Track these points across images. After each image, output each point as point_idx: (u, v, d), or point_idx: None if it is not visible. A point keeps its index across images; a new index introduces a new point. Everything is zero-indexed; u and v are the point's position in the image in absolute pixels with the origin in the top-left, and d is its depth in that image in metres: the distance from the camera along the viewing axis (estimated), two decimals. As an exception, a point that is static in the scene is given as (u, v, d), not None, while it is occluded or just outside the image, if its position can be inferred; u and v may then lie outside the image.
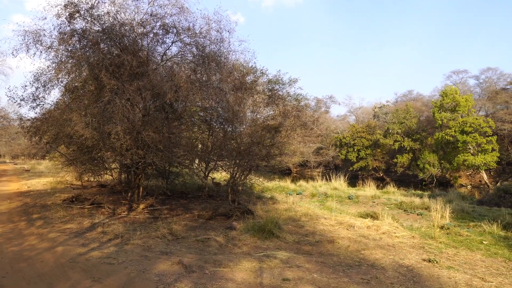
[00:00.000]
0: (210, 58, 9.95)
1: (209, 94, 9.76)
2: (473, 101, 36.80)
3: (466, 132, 33.57)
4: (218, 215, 9.70)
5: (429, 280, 5.39)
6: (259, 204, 11.66)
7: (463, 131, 33.67)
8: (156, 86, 8.87)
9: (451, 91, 36.45)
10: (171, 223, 8.32)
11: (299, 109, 11.79)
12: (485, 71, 46.48)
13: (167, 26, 9.87)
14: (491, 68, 45.82)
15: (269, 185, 18.28)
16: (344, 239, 7.79)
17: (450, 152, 35.75)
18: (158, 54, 10.57)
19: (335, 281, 5.05)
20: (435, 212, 10.12)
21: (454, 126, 34.23)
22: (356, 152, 44.77)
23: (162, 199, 11.56)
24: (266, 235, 7.59)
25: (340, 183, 20.15)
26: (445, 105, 36.20)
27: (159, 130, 9.00)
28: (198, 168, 11.47)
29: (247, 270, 5.34)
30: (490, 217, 10.69)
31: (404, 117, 41.12)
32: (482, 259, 6.91)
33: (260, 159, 10.22)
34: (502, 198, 15.45)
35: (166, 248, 6.60)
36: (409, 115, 41.23)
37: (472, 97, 37.35)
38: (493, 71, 45.73)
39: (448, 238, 8.57)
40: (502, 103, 40.60)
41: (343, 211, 12.01)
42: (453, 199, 15.17)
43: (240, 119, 10.06)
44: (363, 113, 59.91)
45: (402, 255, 6.75)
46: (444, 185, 34.31)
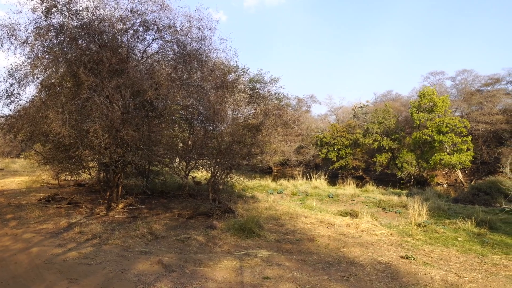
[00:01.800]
0: (191, 56, 9.86)
1: (190, 92, 9.68)
2: (449, 102, 37.79)
3: (442, 132, 34.43)
4: (198, 214, 9.65)
5: (406, 276, 5.51)
6: (240, 203, 11.66)
7: (440, 131, 34.52)
8: (136, 83, 8.74)
9: (428, 92, 37.31)
10: (151, 223, 8.23)
11: (280, 108, 11.83)
12: (461, 72, 47.75)
13: (148, 23, 9.73)
14: (466, 70, 47.09)
15: (250, 184, 18.29)
16: (324, 237, 7.87)
17: (427, 152, 36.61)
18: (138, 51, 10.41)
19: (315, 279, 5.10)
20: (412, 210, 10.34)
21: (431, 126, 35.06)
22: (336, 151, 45.28)
23: (142, 198, 11.42)
24: (247, 234, 7.60)
25: (320, 182, 20.33)
26: (422, 106, 37.03)
27: (139, 128, 8.88)
28: (179, 167, 11.37)
29: (228, 269, 5.34)
30: (465, 214, 11.00)
31: (383, 117, 41.83)
32: (456, 255, 7.11)
33: (241, 158, 10.21)
34: (476, 196, 15.92)
35: (146, 247, 6.52)
36: (388, 115, 41.97)
37: (448, 98, 38.34)
38: (469, 73, 47.03)
39: (425, 235, 8.78)
40: (477, 104, 41.79)
41: (323, 209, 12.13)
42: (430, 197, 15.53)
43: (221, 117, 10.02)
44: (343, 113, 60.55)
45: (380, 253, 6.88)
46: (422, 183, 35.07)
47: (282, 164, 52.74)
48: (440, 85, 48.63)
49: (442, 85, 49.16)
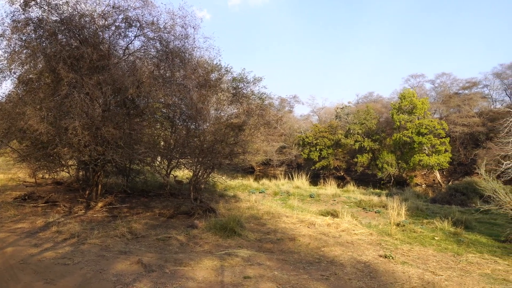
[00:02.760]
0: (174, 54, 9.77)
1: (173, 90, 9.60)
2: (428, 104, 38.61)
3: (422, 134, 35.14)
4: (179, 213, 9.58)
5: (384, 275, 5.61)
6: (222, 203, 11.63)
7: (419, 132, 35.23)
8: (118, 80, 8.60)
9: (409, 94, 38.03)
10: (131, 222, 8.12)
11: (263, 108, 11.85)
12: (440, 76, 48.93)
13: (130, 20, 9.59)
14: (445, 73, 48.30)
15: (232, 183, 18.27)
16: (305, 237, 7.93)
17: (407, 153, 37.29)
18: (120, 48, 10.26)
19: (296, 278, 5.13)
20: (392, 210, 10.52)
21: (411, 127, 35.74)
22: (318, 152, 45.64)
23: (122, 197, 11.26)
24: (228, 233, 7.59)
25: (302, 182, 20.46)
26: (403, 107, 37.71)
27: (119, 126, 8.74)
28: (160, 166, 11.25)
29: (208, 269, 5.32)
30: (442, 214, 11.27)
31: (364, 118, 42.39)
32: (433, 254, 7.27)
33: (223, 157, 10.18)
34: (453, 196, 16.33)
35: (125, 247, 6.44)
36: (369, 116, 42.56)
37: (428, 100, 39.18)
38: (447, 76, 48.23)
39: (403, 234, 8.95)
40: (455, 106, 42.85)
41: (305, 209, 12.21)
42: (409, 198, 15.85)
43: (203, 116, 9.97)
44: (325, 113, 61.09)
45: (360, 252, 6.97)
46: (401, 184, 35.73)
47: (264, 163, 52.86)
48: (420, 88, 49.64)
49: (422, 87, 50.22)
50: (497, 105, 45.43)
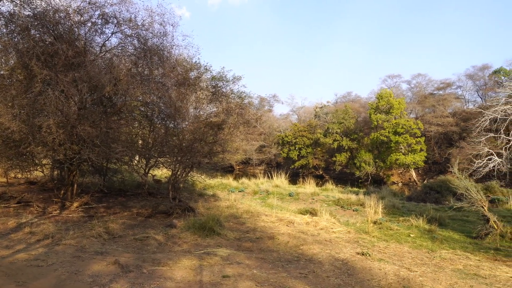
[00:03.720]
0: (152, 52, 9.65)
1: (151, 88, 9.47)
2: (405, 104, 39.50)
3: (398, 133, 35.90)
4: (158, 213, 9.47)
5: (362, 272, 5.70)
6: (201, 202, 11.57)
7: (396, 132, 35.98)
8: (94, 78, 8.42)
9: (386, 94, 38.78)
10: (108, 222, 7.97)
11: (243, 107, 11.83)
12: (416, 76, 50.14)
13: (107, 16, 9.41)
14: (421, 74, 49.56)
15: (211, 182, 18.20)
16: (284, 235, 7.98)
17: (384, 152, 38.04)
18: (97, 45, 10.05)
19: (274, 276, 5.15)
20: (369, 208, 10.71)
21: (388, 127, 36.47)
22: (297, 151, 45.99)
23: (99, 196, 11.04)
24: (207, 232, 7.56)
25: (281, 181, 20.57)
26: (380, 107, 38.42)
27: (96, 125, 8.57)
28: (138, 165, 11.09)
29: (187, 268, 5.28)
30: (417, 212, 11.53)
31: (343, 118, 42.98)
32: (409, 251, 7.45)
33: (203, 156, 10.12)
34: (428, 194, 16.76)
35: (102, 247, 6.32)
36: (347, 116, 43.17)
37: (404, 100, 40.10)
38: (423, 77, 49.49)
39: (380, 232, 9.13)
40: (430, 107, 43.98)
41: (284, 208, 12.28)
42: (386, 196, 16.15)
43: (182, 115, 9.88)
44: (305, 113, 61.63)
45: (338, 250, 7.07)
46: (378, 182, 36.39)
47: (244, 162, 52.87)
48: (397, 88, 50.75)
49: (399, 87, 51.37)
50: (469, 105, 46.95)
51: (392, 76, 52.24)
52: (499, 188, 17.38)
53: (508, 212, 13.04)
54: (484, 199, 9.18)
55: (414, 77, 50.39)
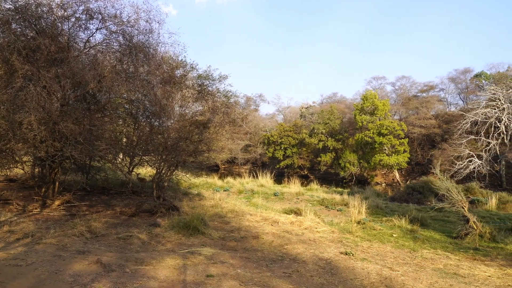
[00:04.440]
0: (138, 49, 9.53)
1: (136, 86, 9.36)
2: (389, 105, 40.07)
3: (382, 134, 36.37)
4: (142, 211, 9.38)
5: (345, 271, 5.76)
6: (186, 201, 11.50)
7: (380, 133, 36.45)
8: (77, 74, 8.28)
9: (371, 95, 39.26)
10: (91, 220, 7.84)
11: (228, 106, 11.82)
12: (400, 78, 50.90)
13: (91, 11, 9.25)
14: (405, 76, 50.36)
15: (196, 181, 18.11)
16: (269, 235, 7.99)
17: (368, 152, 38.49)
18: (81, 41, 9.87)
19: (258, 276, 5.16)
20: (353, 208, 10.81)
21: (373, 128, 36.91)
22: (283, 150, 46.16)
23: (81, 195, 10.85)
24: (192, 231, 7.52)
25: (266, 180, 20.60)
26: (365, 108, 38.87)
27: (79, 122, 8.41)
28: (122, 163, 10.95)
29: (171, 267, 5.24)
30: (400, 212, 11.70)
31: (328, 118, 43.32)
32: (391, 250, 7.55)
33: (188, 154, 10.07)
34: (411, 195, 17.02)
35: (84, 246, 6.22)
36: (333, 116, 43.52)
37: (388, 102, 40.66)
38: (407, 79, 50.27)
39: (363, 232, 9.23)
40: (414, 108, 44.73)
41: (269, 207, 12.31)
42: (369, 196, 16.33)
43: (168, 113, 9.79)
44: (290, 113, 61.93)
45: (322, 249, 7.12)
46: (362, 183, 36.81)
47: (229, 162, 52.81)
48: (382, 90, 51.41)
49: (383, 89, 52.07)
50: (451, 108, 47.94)
51: (377, 77, 52.98)
52: (479, 189, 17.78)
53: (487, 213, 13.35)
54: (465, 200, 9.38)
55: (398, 79, 51.19)
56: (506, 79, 34.75)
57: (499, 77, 37.20)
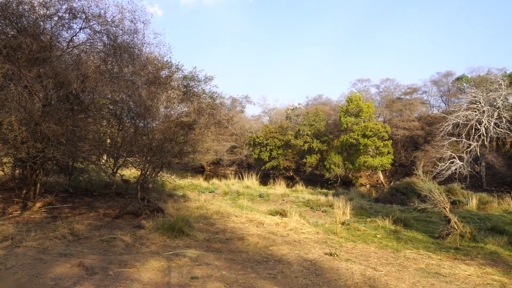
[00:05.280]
0: (122, 49, 9.44)
1: (120, 86, 9.26)
2: (374, 107, 40.60)
3: (367, 136, 36.81)
4: (126, 213, 9.27)
5: (329, 272, 5.80)
6: (170, 202, 11.42)
7: (365, 135, 36.88)
8: (60, 74, 8.13)
9: (355, 97, 39.70)
10: (73, 223, 7.71)
11: (214, 107, 11.78)
12: (384, 81, 51.71)
13: (75, 11, 9.12)
14: (389, 79, 51.21)
15: (182, 182, 18.00)
16: (254, 236, 8.00)
17: (353, 154, 38.89)
18: (64, 40, 9.73)
19: (243, 277, 5.16)
20: (337, 209, 10.89)
21: (357, 130, 37.32)
22: (268, 152, 46.25)
23: (64, 197, 10.67)
24: (176, 233, 7.46)
25: (252, 182, 20.61)
26: (350, 110, 39.27)
27: (62, 122, 8.26)
28: (106, 164, 10.81)
29: (155, 270, 5.20)
30: (384, 213, 11.86)
31: (314, 120, 43.62)
32: (375, 251, 7.64)
33: (173, 156, 10.00)
34: (394, 196, 17.26)
35: (66, 249, 6.11)
36: (318, 118, 43.84)
37: (373, 104, 41.20)
38: (391, 81, 51.08)
39: (348, 233, 9.31)
40: (397, 111, 45.41)
41: (254, 209, 12.31)
42: (354, 197, 16.50)
43: (152, 114, 9.71)
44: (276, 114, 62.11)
45: (306, 250, 7.15)
46: (347, 184, 37.17)
47: (214, 163, 52.67)
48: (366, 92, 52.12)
49: (368, 91, 52.82)
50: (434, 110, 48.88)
51: (362, 80, 53.70)
52: (460, 190, 18.17)
53: (468, 213, 13.64)
54: (446, 201, 9.56)
55: (382, 81, 52.02)
56: (486, 83, 35.60)
57: (480, 81, 38.09)
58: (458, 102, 38.43)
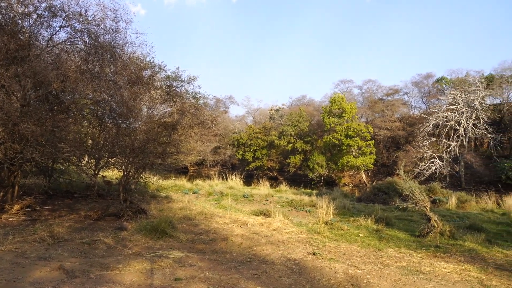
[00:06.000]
0: (104, 48, 9.29)
1: (102, 86, 9.11)
2: (356, 108, 41.10)
3: (350, 136, 37.21)
4: (108, 215, 9.14)
5: (313, 271, 5.84)
6: (153, 203, 11.31)
7: (348, 135, 37.28)
8: (39, 73, 7.95)
9: (338, 98, 40.10)
10: (53, 225, 7.54)
11: (197, 108, 11.72)
12: (367, 82, 52.42)
13: (55, 9, 8.94)
14: (371, 80, 51.94)
15: (165, 183, 17.86)
16: (238, 237, 7.99)
17: (336, 154, 39.27)
18: (43, 39, 9.51)
19: (227, 278, 5.14)
20: (321, 209, 10.97)
21: (340, 130, 37.71)
22: (252, 152, 46.27)
23: (43, 199, 10.43)
24: (159, 235, 7.39)
25: (236, 182, 20.60)
26: (333, 111, 39.65)
27: (41, 123, 8.09)
28: (87, 166, 10.62)
29: (137, 272, 5.13)
30: (366, 212, 12.01)
31: (297, 120, 43.85)
32: (358, 250, 7.73)
33: (156, 157, 9.90)
34: (377, 196, 17.50)
35: (45, 253, 5.98)
36: (302, 119, 44.10)
37: (355, 105, 41.71)
38: (373, 82, 51.81)
39: (331, 232, 9.40)
40: (379, 111, 46.09)
41: (238, 209, 12.31)
42: (337, 197, 16.66)
43: (135, 114, 9.60)
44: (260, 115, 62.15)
45: (290, 250, 7.19)
46: (330, 184, 37.51)
47: (198, 164, 52.41)
48: (349, 93, 52.69)
49: (351, 92, 53.41)
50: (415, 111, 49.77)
51: (345, 81, 54.25)
52: (440, 189, 18.57)
53: (447, 211, 13.95)
54: (427, 200, 9.75)
55: (365, 82, 52.71)
56: (464, 84, 36.48)
57: (458, 82, 38.99)
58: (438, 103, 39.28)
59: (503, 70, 40.17)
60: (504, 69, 40.09)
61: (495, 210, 14.85)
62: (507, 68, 39.98)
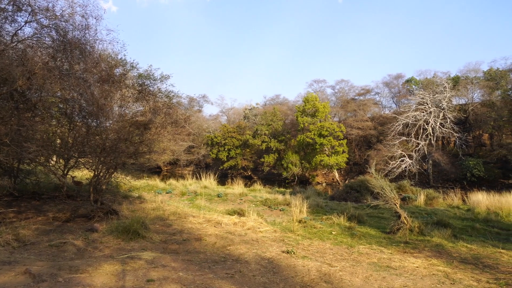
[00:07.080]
0: (73, 45, 9.02)
1: (71, 84, 8.84)
2: (329, 108, 41.71)
3: (323, 136, 37.74)
4: (77, 216, 8.88)
5: (286, 269, 5.89)
6: (125, 204, 11.08)
7: (321, 134, 37.79)
8: (3, 70, 7.64)
9: (312, 98, 40.57)
10: (19, 228, 7.27)
11: (170, 106, 11.57)
12: (339, 82, 53.24)
13: (19, 3, 8.61)
14: (344, 80, 52.81)
15: (137, 183, 17.53)
16: (211, 236, 7.95)
17: (309, 153, 39.73)
18: (7, 34, 9.14)
19: (201, 278, 5.11)
20: (295, 208, 11.07)
21: (314, 129, 38.18)
22: (226, 152, 46.17)
23: (8, 201, 10.02)
24: (131, 235, 7.26)
25: (210, 182, 20.48)
26: (306, 110, 40.09)
27: (5, 122, 7.77)
28: (56, 166, 10.28)
29: (109, 274, 5.02)
30: (339, 210, 12.21)
31: (271, 120, 44.08)
32: (330, 247, 7.85)
33: (128, 156, 9.70)
34: (349, 194, 17.82)
35: (10, 256, 5.75)
36: (276, 118, 44.35)
37: (329, 104, 42.34)
38: (346, 82, 52.72)
39: (304, 230, 9.50)
40: (352, 111, 46.96)
41: (212, 209, 12.25)
42: (311, 196, 16.85)
43: (106, 113, 9.36)
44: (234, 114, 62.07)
45: (264, 249, 7.22)
46: (304, 183, 37.91)
47: (172, 163, 51.82)
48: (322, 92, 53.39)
49: (324, 92, 54.14)
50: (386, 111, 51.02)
51: (318, 81, 54.95)
52: (409, 187, 19.14)
53: (416, 208, 14.39)
54: (397, 197, 10.01)
55: (338, 82, 53.53)
56: (432, 85, 37.72)
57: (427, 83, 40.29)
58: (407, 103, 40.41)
59: (468, 72, 41.89)
60: (469, 70, 41.80)
61: (460, 207, 15.45)
62: (472, 69, 41.71)
